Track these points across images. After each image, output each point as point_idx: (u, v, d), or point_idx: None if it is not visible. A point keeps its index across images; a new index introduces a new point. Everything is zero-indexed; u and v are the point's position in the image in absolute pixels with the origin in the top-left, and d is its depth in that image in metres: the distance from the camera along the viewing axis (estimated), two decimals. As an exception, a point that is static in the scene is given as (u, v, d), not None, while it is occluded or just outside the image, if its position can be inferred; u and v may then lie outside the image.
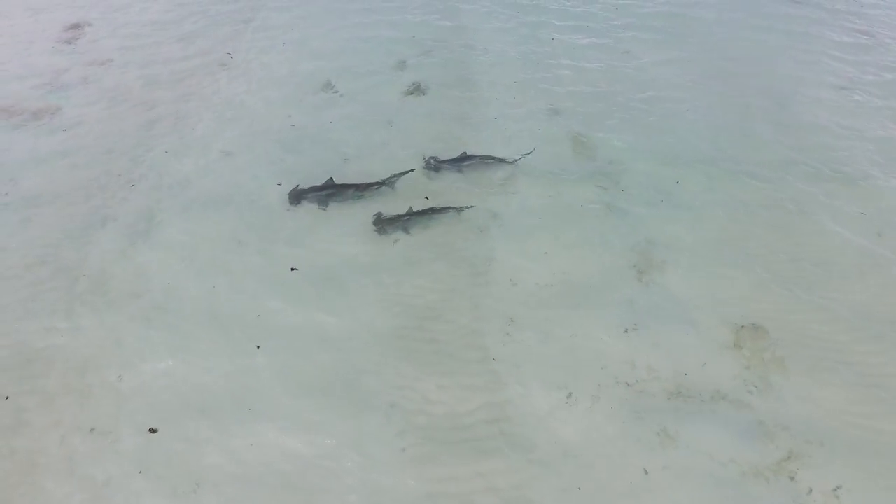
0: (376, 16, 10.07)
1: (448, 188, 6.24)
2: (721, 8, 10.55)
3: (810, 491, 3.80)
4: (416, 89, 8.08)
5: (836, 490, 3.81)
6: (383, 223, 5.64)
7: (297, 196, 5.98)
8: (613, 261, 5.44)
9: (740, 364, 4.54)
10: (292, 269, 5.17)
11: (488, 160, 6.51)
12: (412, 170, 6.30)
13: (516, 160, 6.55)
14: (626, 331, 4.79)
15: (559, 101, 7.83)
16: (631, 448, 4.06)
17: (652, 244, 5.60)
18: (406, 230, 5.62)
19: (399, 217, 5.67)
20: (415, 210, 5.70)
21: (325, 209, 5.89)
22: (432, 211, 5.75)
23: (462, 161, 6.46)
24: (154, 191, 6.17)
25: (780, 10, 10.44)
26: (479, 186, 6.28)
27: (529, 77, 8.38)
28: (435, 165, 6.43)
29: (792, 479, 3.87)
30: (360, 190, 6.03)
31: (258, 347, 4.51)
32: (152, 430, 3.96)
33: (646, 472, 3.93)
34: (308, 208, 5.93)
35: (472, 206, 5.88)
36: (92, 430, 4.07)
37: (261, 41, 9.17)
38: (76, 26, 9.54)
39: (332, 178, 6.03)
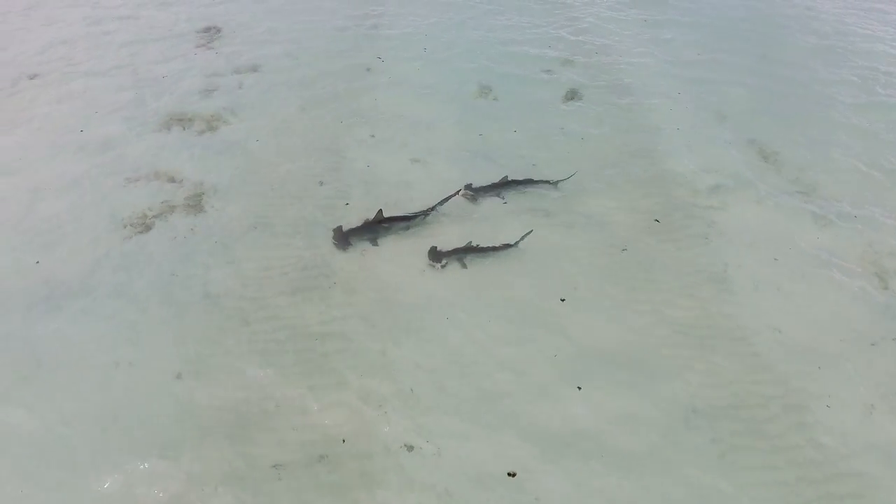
0: (503, 19, 10.10)
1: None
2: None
3: None
4: (574, 95, 8.10)
5: None
6: (439, 256, 5.35)
7: (343, 238, 5.51)
8: (848, 269, 5.47)
9: None
10: (561, 300, 5.11)
11: (529, 185, 6.25)
12: (458, 192, 6.01)
13: (558, 182, 6.32)
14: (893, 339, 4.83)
15: (723, 106, 7.86)
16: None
17: (881, 252, 5.63)
18: (463, 263, 5.36)
19: (456, 250, 5.40)
20: (474, 244, 5.44)
21: (376, 245, 5.55)
22: (491, 249, 5.45)
23: (503, 187, 6.19)
24: (363, 198, 6.17)
25: None
26: (665, 200, 6.22)
27: (683, 82, 8.41)
28: (472, 194, 6.11)
29: None
30: (409, 220, 5.72)
31: (579, 388, 4.45)
32: (511, 475, 3.89)
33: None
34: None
35: (530, 232, 5.53)
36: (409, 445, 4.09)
37: (399, 46, 9.17)
38: (209, 30, 9.54)
39: (381, 209, 5.70)
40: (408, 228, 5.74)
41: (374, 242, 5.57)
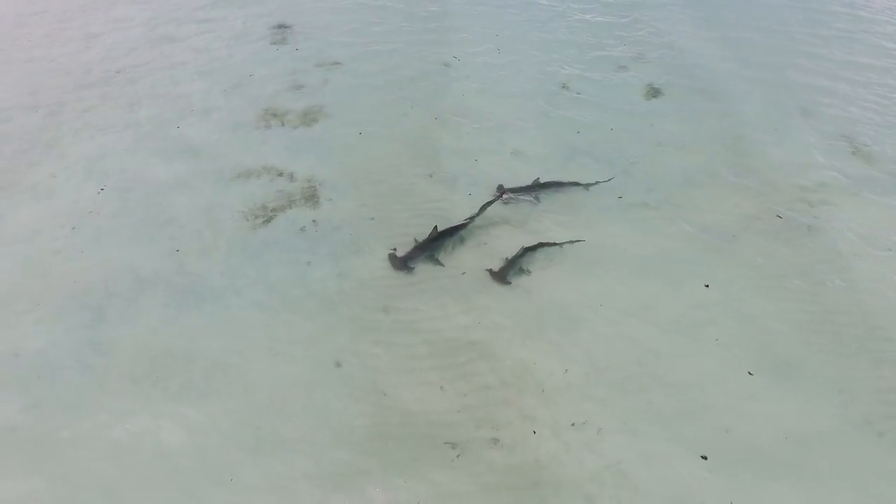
0: (567, 23, 10.11)
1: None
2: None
3: None
4: (655, 93, 8.20)
5: None
6: (500, 272, 5.21)
7: (402, 263, 5.24)
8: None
9: None
10: (706, 286, 5.22)
11: (563, 186, 6.23)
12: (499, 195, 6.00)
13: (591, 185, 6.30)
14: None
15: (806, 105, 7.96)
16: None
17: None
18: (526, 270, 5.28)
19: (515, 259, 5.31)
20: (527, 246, 5.41)
21: (442, 265, 5.33)
22: (540, 245, 5.47)
23: (536, 188, 6.16)
24: (475, 190, 6.26)
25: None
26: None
27: (759, 80, 8.52)
28: (507, 196, 6.05)
29: None
30: (459, 230, 5.57)
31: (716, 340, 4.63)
32: (704, 458, 4.00)
33: None
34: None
35: (581, 241, 5.57)
36: (573, 424, 4.19)
37: (472, 47, 9.19)
38: (281, 28, 9.62)
39: (436, 226, 5.49)
40: (462, 240, 5.58)
41: (436, 261, 5.35)
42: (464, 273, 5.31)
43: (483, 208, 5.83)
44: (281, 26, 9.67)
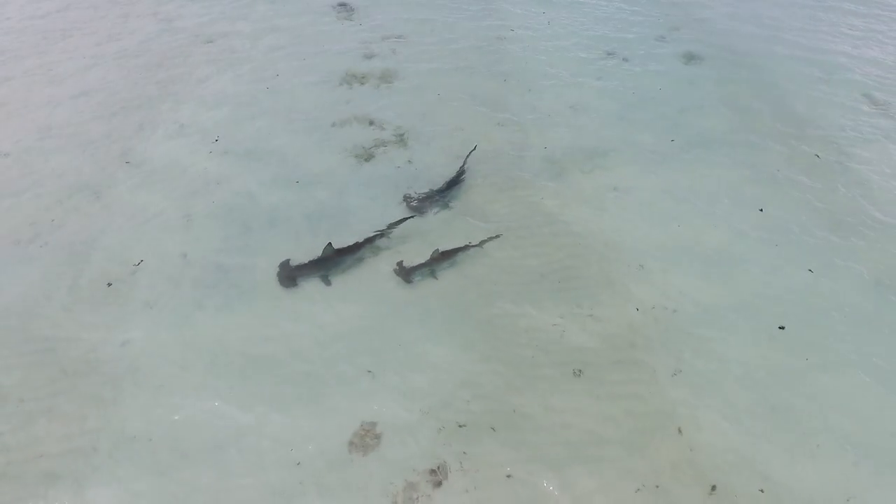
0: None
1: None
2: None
3: None
4: (692, 58, 9.04)
5: None
6: (406, 272, 5.20)
7: (290, 276, 5.10)
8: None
9: None
10: (760, 210, 6.14)
11: (460, 179, 6.32)
12: (412, 216, 5.80)
13: (465, 163, 6.49)
14: None
15: (828, 71, 8.78)
16: None
17: None
18: (434, 275, 5.24)
19: (423, 264, 5.26)
20: (441, 250, 5.33)
21: (329, 285, 5.13)
22: (459, 250, 5.38)
23: (445, 190, 6.16)
24: (545, 138, 7.15)
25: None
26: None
27: (789, 46, 9.35)
28: (417, 204, 6.01)
29: None
30: (359, 249, 5.36)
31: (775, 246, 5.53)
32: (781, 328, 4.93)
33: None
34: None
35: (499, 236, 5.57)
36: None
37: (523, 20, 10.03)
38: (342, 6, 10.48)
39: (329, 243, 5.25)
40: (361, 259, 5.38)
41: (326, 281, 5.14)
42: (542, 198, 6.18)
43: (392, 226, 5.60)
44: (342, 4, 10.53)
